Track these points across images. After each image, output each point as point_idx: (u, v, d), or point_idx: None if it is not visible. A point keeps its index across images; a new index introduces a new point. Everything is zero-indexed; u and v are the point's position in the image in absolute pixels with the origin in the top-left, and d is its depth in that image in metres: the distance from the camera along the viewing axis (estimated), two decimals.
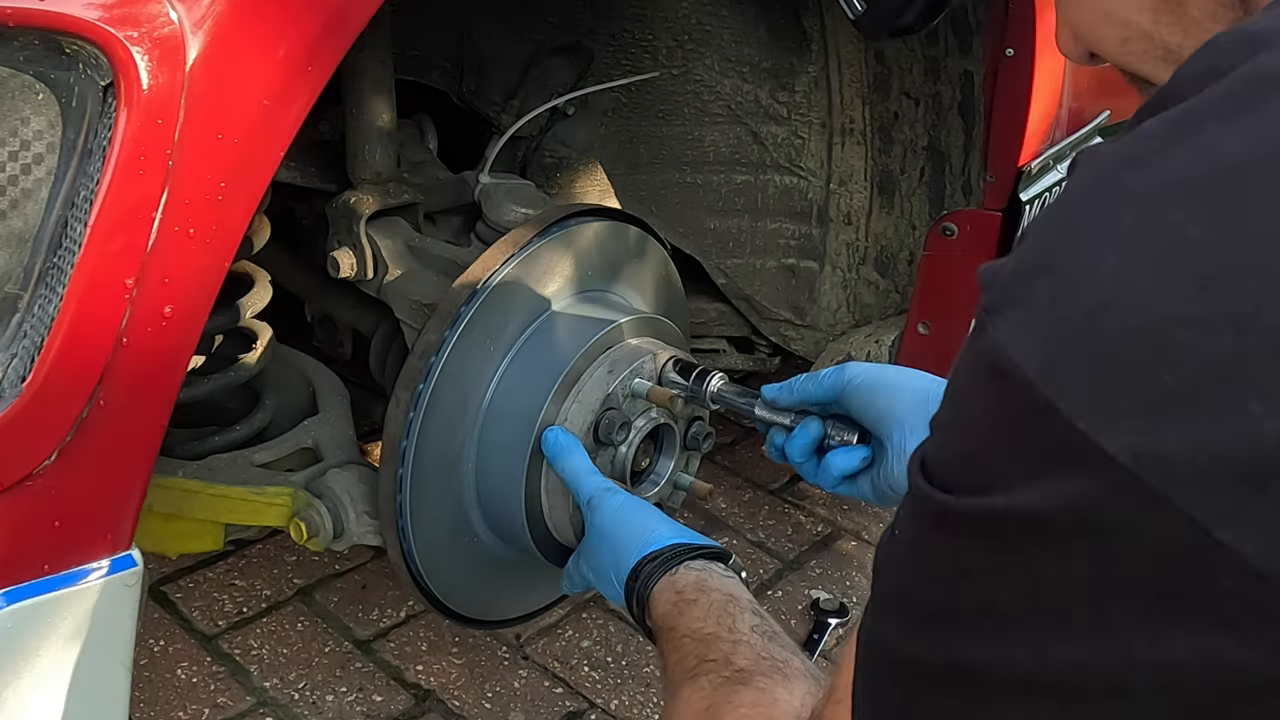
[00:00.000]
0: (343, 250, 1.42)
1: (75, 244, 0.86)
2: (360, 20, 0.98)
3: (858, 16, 1.29)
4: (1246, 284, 0.40)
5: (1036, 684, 0.44)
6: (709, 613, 0.97)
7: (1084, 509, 0.42)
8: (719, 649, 0.92)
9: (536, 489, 1.34)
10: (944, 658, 0.48)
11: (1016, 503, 0.44)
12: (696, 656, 0.92)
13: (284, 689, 1.73)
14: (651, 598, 1.05)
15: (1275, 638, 0.39)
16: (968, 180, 1.72)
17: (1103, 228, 0.44)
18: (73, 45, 0.85)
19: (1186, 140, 0.44)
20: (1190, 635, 0.40)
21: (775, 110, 1.78)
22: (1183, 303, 0.41)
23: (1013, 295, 0.45)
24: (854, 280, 1.88)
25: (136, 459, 0.96)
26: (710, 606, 0.98)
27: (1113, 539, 0.41)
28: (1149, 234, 0.43)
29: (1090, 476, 0.41)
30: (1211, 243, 0.41)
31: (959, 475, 0.48)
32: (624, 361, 1.35)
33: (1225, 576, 0.39)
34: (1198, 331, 0.40)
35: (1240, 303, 0.40)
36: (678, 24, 1.73)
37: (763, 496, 2.28)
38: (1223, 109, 0.44)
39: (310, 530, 1.35)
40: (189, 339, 0.95)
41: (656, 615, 1.03)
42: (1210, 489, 0.39)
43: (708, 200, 1.87)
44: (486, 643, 1.84)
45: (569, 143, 1.85)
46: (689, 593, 1.01)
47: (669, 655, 0.97)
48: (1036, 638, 0.44)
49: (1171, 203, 0.43)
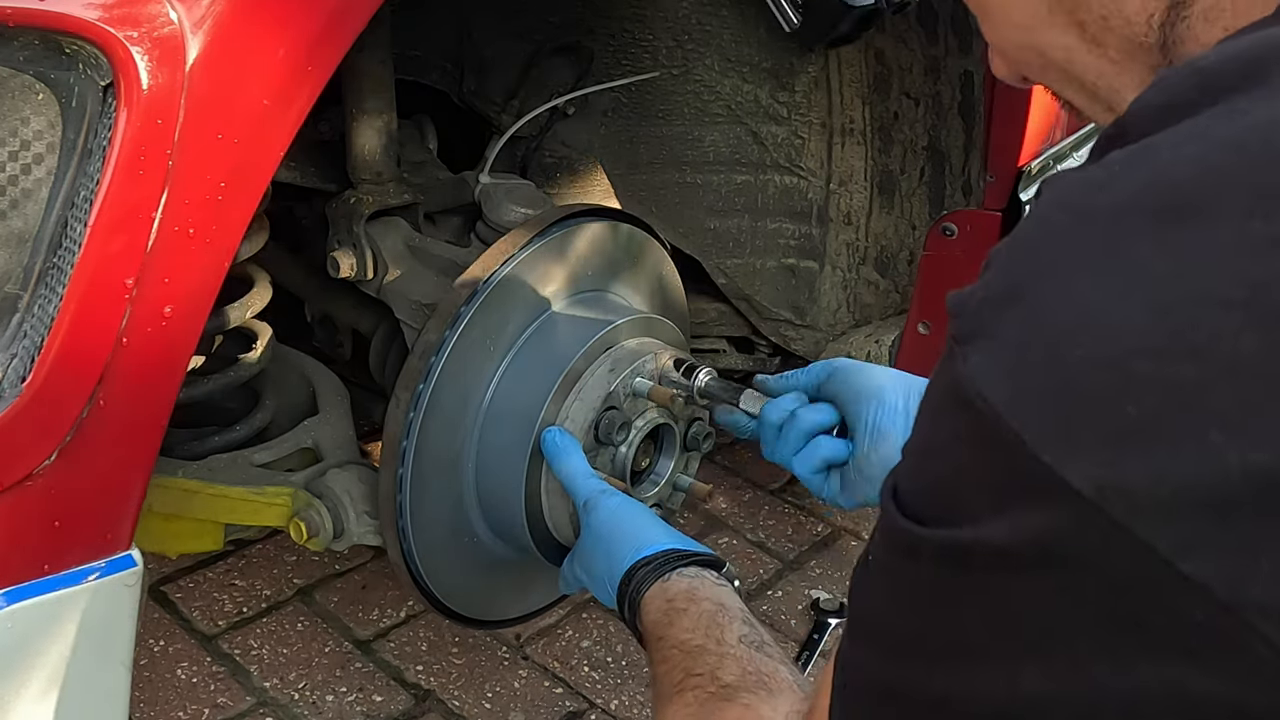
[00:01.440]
0: (343, 250, 1.42)
1: (75, 244, 0.86)
2: (360, 20, 0.98)
3: (794, 29, 1.29)
4: (1206, 313, 0.40)
5: (1007, 713, 0.45)
6: (698, 623, 0.97)
7: (1049, 541, 0.42)
8: (705, 662, 0.91)
9: (536, 489, 1.34)
10: (917, 686, 0.48)
11: (984, 535, 0.44)
12: (683, 670, 0.92)
13: (284, 689, 1.73)
14: (643, 604, 1.04)
15: (1238, 667, 0.39)
16: (968, 180, 1.72)
17: (1069, 256, 0.44)
18: (73, 45, 0.85)
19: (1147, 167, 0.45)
20: (1155, 665, 0.40)
21: (775, 110, 1.78)
22: (1143, 334, 0.41)
23: (982, 325, 0.46)
24: (854, 280, 1.88)
25: (136, 459, 0.96)
26: (699, 616, 0.97)
27: (1078, 571, 0.41)
28: (1113, 263, 0.43)
29: (1054, 509, 0.41)
30: (1170, 274, 0.41)
31: (929, 506, 0.48)
32: (625, 361, 1.35)
33: (1190, 608, 0.39)
34: (1158, 361, 0.40)
35: (1200, 332, 0.40)
36: (678, 24, 1.73)
37: (763, 496, 2.28)
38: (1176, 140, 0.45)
39: (310, 530, 1.35)
40: (189, 339, 0.95)
41: (647, 622, 1.03)
42: (1172, 520, 0.39)
43: (708, 200, 1.86)
44: (486, 643, 1.84)
45: (569, 143, 1.85)
46: (679, 601, 1.01)
47: (657, 665, 0.97)
48: (1007, 668, 0.44)
49: (1134, 231, 0.43)
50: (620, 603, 1.08)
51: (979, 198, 1.62)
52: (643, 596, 1.05)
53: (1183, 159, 0.44)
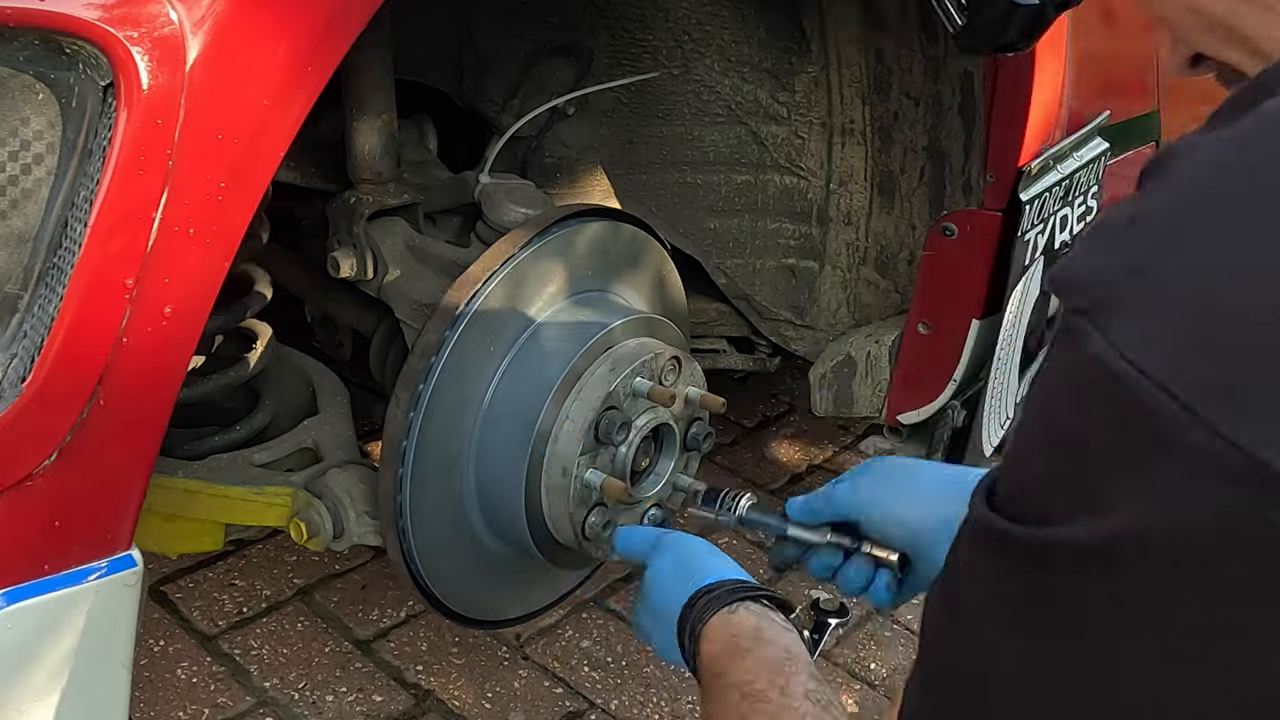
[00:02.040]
0: (343, 250, 1.42)
1: (75, 244, 0.86)
2: (360, 20, 0.98)
3: (957, 32, 1.23)
4: None
5: None
6: (763, 667, 0.89)
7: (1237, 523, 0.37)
8: (765, 710, 0.85)
9: (536, 489, 1.34)
10: None
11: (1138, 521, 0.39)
12: (739, 714, 0.86)
13: (284, 689, 1.73)
14: (704, 631, 0.96)
15: None
16: (968, 180, 1.72)
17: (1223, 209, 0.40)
18: (73, 45, 0.85)
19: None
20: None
21: (775, 110, 1.78)
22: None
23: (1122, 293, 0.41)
24: (854, 280, 1.88)
25: (136, 459, 0.96)
26: (765, 660, 0.90)
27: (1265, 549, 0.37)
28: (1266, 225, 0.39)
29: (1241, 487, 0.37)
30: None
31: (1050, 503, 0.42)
32: (625, 361, 1.35)
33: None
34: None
35: None
36: (678, 24, 1.73)
37: (763, 497, 2.28)
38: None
39: (310, 530, 1.35)
40: (189, 339, 0.95)
41: (706, 654, 0.95)
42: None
43: (708, 200, 1.87)
44: (486, 643, 1.84)
45: (569, 143, 1.85)
46: (744, 640, 0.93)
47: (713, 704, 0.91)
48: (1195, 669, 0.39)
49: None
50: (680, 631, 1.00)
51: (979, 198, 1.62)
52: (705, 623, 0.96)
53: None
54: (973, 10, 1.20)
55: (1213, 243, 0.40)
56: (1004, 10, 1.18)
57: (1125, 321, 0.40)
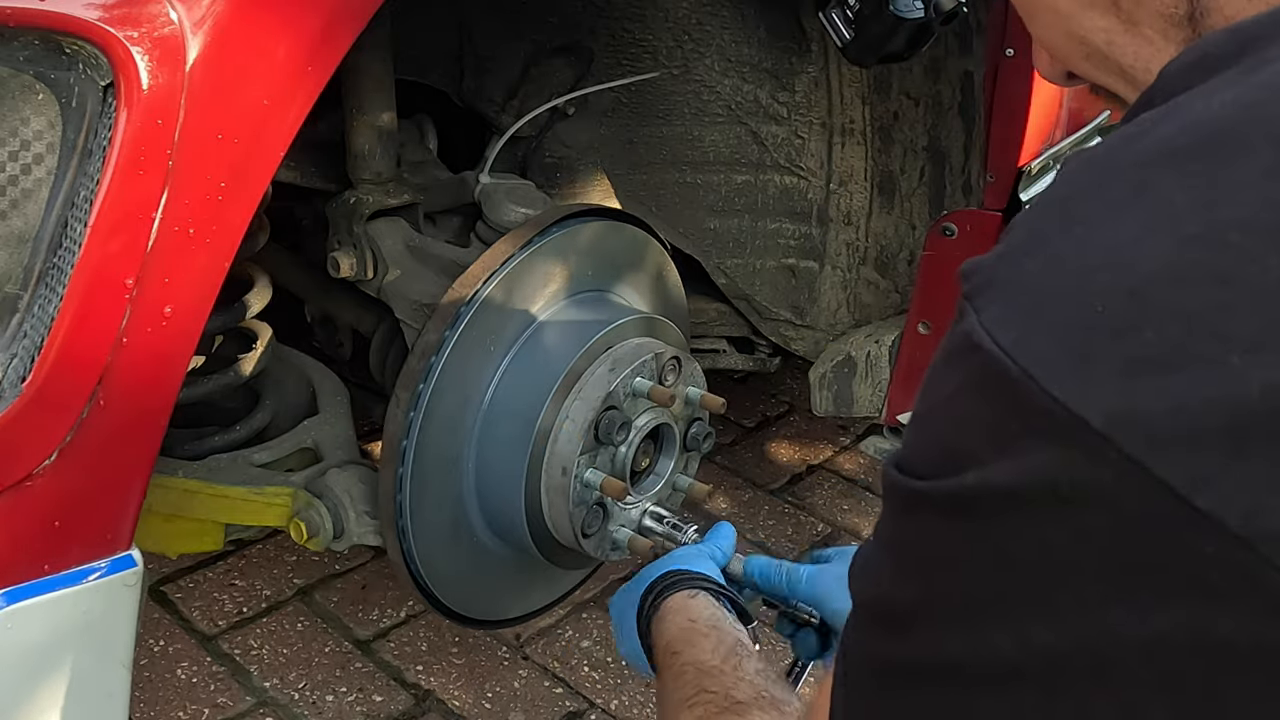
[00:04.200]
0: (343, 250, 1.42)
1: (75, 244, 0.86)
2: (360, 20, 0.98)
3: (844, 44, 1.28)
4: (1231, 239, 0.39)
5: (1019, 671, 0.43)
6: (718, 649, 0.95)
7: (1058, 479, 0.41)
8: (720, 682, 0.90)
9: (536, 489, 1.34)
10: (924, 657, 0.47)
11: (988, 478, 0.43)
12: (696, 686, 0.91)
13: (284, 689, 1.73)
14: (663, 608, 1.01)
15: (1260, 603, 0.38)
16: (968, 180, 1.72)
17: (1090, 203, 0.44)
18: (73, 45, 0.85)
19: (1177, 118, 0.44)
20: (1174, 606, 0.39)
21: (775, 110, 1.78)
22: (1167, 262, 0.40)
23: (994, 278, 0.45)
24: (854, 280, 1.88)
25: (136, 459, 0.96)
26: (720, 644, 0.96)
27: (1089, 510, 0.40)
28: (1139, 203, 0.42)
29: (1065, 445, 0.40)
30: (1198, 204, 0.41)
31: (929, 461, 0.46)
32: (625, 361, 1.35)
33: (1206, 543, 0.38)
34: (1181, 287, 0.40)
35: (1224, 257, 0.39)
36: (678, 24, 1.73)
37: (763, 496, 2.28)
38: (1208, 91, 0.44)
39: (310, 530, 1.35)
40: (189, 339, 0.95)
41: (663, 635, 1.00)
42: (1187, 451, 0.38)
43: (708, 200, 1.87)
44: (486, 643, 1.84)
45: (569, 143, 1.85)
46: (702, 626, 0.98)
47: (669, 680, 0.96)
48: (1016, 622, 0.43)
49: (1159, 171, 0.43)
50: (639, 612, 1.04)
51: (979, 198, 1.62)
52: (664, 601, 1.02)
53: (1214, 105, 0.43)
54: (860, 24, 1.25)
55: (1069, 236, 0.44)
56: (890, 25, 1.24)
57: (992, 302, 0.44)
